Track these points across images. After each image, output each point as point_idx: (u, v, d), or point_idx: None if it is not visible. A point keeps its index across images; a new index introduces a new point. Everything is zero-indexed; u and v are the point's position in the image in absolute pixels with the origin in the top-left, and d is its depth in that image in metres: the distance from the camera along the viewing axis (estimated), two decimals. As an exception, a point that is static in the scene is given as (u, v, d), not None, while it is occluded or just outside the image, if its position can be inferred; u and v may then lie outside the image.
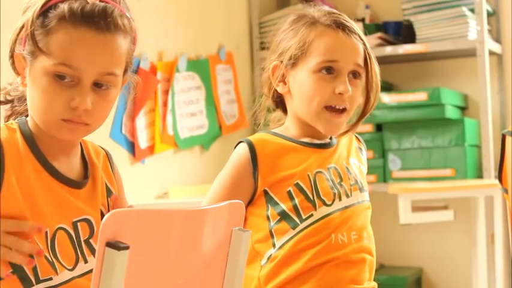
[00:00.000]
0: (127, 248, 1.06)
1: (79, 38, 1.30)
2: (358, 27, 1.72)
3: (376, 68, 1.73)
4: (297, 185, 1.63)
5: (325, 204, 1.64)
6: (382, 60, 3.71)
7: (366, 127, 3.59)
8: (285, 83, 1.71)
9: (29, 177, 1.31)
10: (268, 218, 1.64)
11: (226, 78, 3.50)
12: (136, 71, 2.93)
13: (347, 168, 1.72)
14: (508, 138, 2.01)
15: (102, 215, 1.39)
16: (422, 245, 3.82)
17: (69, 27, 1.30)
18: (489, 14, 3.63)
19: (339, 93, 1.65)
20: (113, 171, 1.49)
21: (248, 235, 1.31)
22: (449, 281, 3.78)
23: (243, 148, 1.65)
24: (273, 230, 1.63)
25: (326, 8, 1.74)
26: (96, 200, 1.41)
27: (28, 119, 1.38)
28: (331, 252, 1.62)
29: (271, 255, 1.63)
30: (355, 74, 1.69)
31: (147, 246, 1.13)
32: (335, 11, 1.74)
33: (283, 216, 1.63)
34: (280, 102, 1.77)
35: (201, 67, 3.35)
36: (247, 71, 3.70)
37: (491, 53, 3.53)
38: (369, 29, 3.66)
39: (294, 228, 1.62)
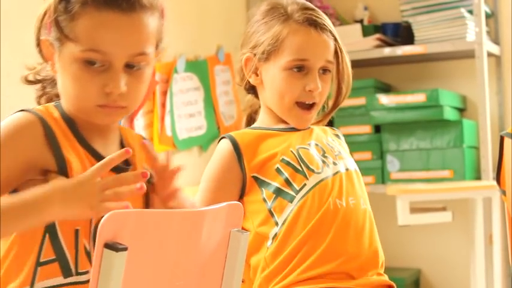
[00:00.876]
0: (125, 249, 1.06)
1: (104, 21, 1.26)
2: (330, 23, 1.76)
3: (346, 59, 1.78)
4: (283, 160, 1.68)
5: (314, 172, 1.68)
6: (381, 62, 3.74)
7: (364, 128, 3.59)
8: (257, 75, 1.77)
9: (82, 159, 1.29)
10: (264, 200, 1.67)
11: (224, 79, 3.50)
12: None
13: (328, 143, 1.77)
14: (506, 140, 2.01)
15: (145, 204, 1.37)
16: (420, 246, 3.81)
17: (93, 11, 1.27)
18: (487, 16, 3.63)
19: (309, 90, 1.71)
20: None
21: (246, 236, 1.31)
22: (447, 282, 3.78)
23: (225, 141, 1.73)
24: (272, 209, 1.66)
25: (299, 1, 1.77)
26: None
27: (62, 103, 1.34)
28: (331, 218, 1.64)
29: (275, 233, 1.64)
30: (325, 70, 1.75)
31: (145, 248, 1.13)
32: (308, 4, 1.77)
33: (278, 192, 1.66)
34: (251, 89, 1.84)
35: (199, 68, 3.34)
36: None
37: (489, 55, 3.53)
38: (367, 30, 3.66)
39: (291, 202, 1.65)
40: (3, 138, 1.23)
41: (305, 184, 1.66)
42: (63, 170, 1.25)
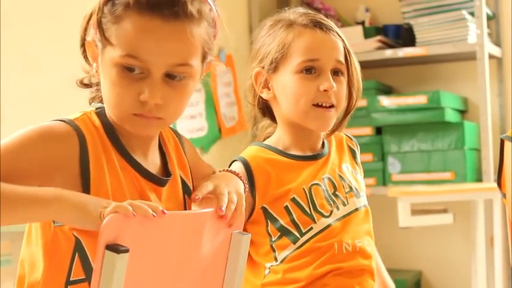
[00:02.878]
0: (127, 251, 1.06)
1: (144, 27, 1.20)
2: (335, 25, 1.72)
3: (356, 64, 1.72)
4: (293, 200, 1.63)
5: (323, 216, 1.63)
6: (382, 64, 3.74)
7: (366, 130, 3.59)
8: (269, 89, 1.70)
9: (116, 172, 1.24)
10: (268, 233, 1.63)
11: (226, 80, 3.50)
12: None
13: (340, 176, 1.71)
14: (506, 143, 2.01)
15: None
16: (421, 248, 3.81)
17: (135, 15, 1.20)
18: (489, 18, 3.63)
19: (324, 90, 1.64)
20: (185, 155, 1.40)
21: (248, 238, 1.31)
22: (448, 284, 3.78)
23: (238, 167, 1.64)
24: (274, 245, 1.63)
25: (300, 9, 1.74)
26: (176, 200, 1.33)
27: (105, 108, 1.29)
28: (336, 262, 1.61)
29: (272, 265, 1.63)
30: (336, 72, 1.68)
31: (146, 249, 1.13)
32: (310, 11, 1.74)
33: (283, 231, 1.62)
34: (266, 110, 1.76)
35: (201, 69, 3.34)
36: (247, 74, 3.69)
37: (491, 57, 3.53)
38: (368, 32, 3.66)
39: (294, 243, 1.61)
40: (36, 136, 1.19)
41: (312, 228, 1.62)
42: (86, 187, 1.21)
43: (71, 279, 1.22)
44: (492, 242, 3.18)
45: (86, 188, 1.21)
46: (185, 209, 1.34)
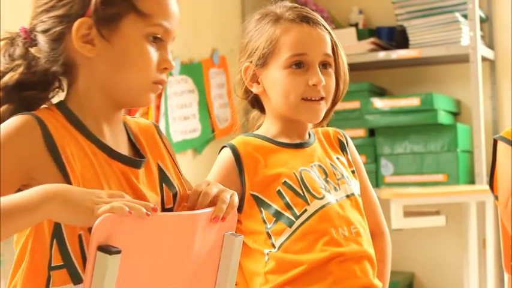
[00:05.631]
0: (119, 252, 1.06)
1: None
2: (321, 18, 1.74)
3: (343, 55, 1.74)
4: (285, 183, 1.64)
5: (316, 198, 1.65)
6: (375, 65, 3.74)
7: (359, 132, 3.60)
8: (258, 83, 1.73)
9: (88, 156, 1.24)
10: (264, 221, 1.64)
11: (219, 82, 3.50)
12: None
13: (331, 164, 1.73)
14: (499, 144, 2.01)
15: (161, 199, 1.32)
16: (414, 250, 3.82)
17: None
18: (482, 20, 3.64)
19: (313, 85, 1.67)
20: (166, 148, 1.42)
21: (240, 239, 1.31)
22: (441, 286, 3.78)
23: (227, 152, 1.67)
24: (270, 232, 1.63)
25: (287, 3, 1.76)
26: (153, 186, 1.33)
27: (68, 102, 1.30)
28: (336, 246, 1.62)
29: (270, 251, 1.63)
30: (325, 65, 1.71)
31: (139, 251, 1.13)
32: (297, 5, 1.76)
33: (278, 216, 1.63)
34: (256, 102, 1.78)
35: (194, 71, 3.35)
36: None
37: (483, 59, 3.54)
38: (362, 34, 3.66)
39: (290, 226, 1.62)
40: (3, 142, 1.19)
41: (306, 210, 1.63)
42: (64, 174, 1.21)
43: (52, 265, 1.21)
44: (484, 244, 3.19)
45: (64, 174, 1.20)
46: (162, 198, 1.33)
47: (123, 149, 1.33)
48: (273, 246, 1.63)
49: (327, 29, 1.72)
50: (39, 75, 1.29)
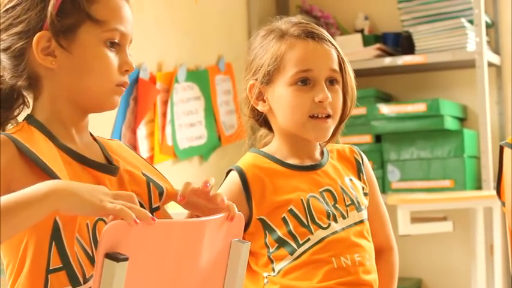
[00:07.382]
0: (126, 259, 1.06)
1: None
2: (328, 34, 1.71)
3: (350, 71, 1.71)
4: (291, 211, 1.62)
5: (320, 227, 1.62)
6: (381, 71, 3.74)
7: (365, 138, 3.59)
8: (264, 101, 1.69)
9: (64, 166, 1.26)
10: (266, 245, 1.62)
11: (225, 88, 3.51)
12: (136, 81, 2.93)
13: (342, 188, 1.69)
14: (506, 150, 2.00)
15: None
16: (421, 256, 3.81)
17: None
18: (488, 26, 3.64)
19: (319, 102, 1.63)
20: (136, 153, 1.46)
21: (247, 246, 1.30)
22: (448, 292, 3.78)
23: (234, 176, 1.64)
24: (271, 256, 1.62)
25: (293, 19, 1.73)
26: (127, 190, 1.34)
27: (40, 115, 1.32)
28: (336, 277, 1.60)
29: (269, 275, 1.62)
30: (332, 81, 1.67)
31: (146, 258, 1.13)
32: (302, 20, 1.73)
33: (281, 242, 1.61)
34: (263, 121, 1.75)
35: (200, 78, 3.35)
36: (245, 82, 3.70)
37: (490, 64, 3.54)
38: (368, 40, 3.67)
39: (291, 254, 1.61)
40: None
41: (309, 239, 1.61)
42: (50, 173, 1.22)
43: (50, 268, 1.23)
44: (492, 250, 3.18)
45: (50, 172, 1.21)
46: (150, 197, 1.39)
47: (95, 157, 1.35)
48: (273, 270, 1.62)
49: (333, 45, 1.68)
50: (5, 92, 1.33)
